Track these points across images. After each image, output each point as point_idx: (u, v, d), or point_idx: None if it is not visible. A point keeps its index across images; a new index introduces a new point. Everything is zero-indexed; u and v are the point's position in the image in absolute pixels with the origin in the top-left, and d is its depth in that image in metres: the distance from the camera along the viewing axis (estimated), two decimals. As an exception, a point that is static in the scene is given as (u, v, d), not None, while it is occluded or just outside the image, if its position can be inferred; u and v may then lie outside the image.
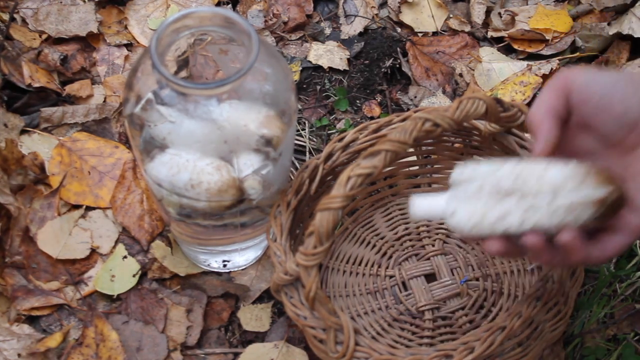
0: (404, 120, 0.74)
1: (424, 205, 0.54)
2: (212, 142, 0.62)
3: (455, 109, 0.57)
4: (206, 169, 0.63)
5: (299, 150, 0.95)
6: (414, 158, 0.83)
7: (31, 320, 0.79)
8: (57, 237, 0.83)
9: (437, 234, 0.84)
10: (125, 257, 0.83)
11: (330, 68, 1.04)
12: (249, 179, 0.65)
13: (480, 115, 0.58)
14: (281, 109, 0.65)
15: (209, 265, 0.82)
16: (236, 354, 0.78)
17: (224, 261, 0.82)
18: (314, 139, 0.97)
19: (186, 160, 0.62)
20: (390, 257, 0.83)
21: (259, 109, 0.63)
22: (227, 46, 0.68)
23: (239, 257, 0.82)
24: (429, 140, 0.82)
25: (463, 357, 0.57)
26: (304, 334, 0.73)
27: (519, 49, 1.06)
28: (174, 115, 0.61)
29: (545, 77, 0.99)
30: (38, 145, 0.91)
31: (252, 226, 0.75)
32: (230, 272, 0.83)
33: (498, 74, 1.02)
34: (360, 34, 1.09)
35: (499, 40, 1.08)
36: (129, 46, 1.04)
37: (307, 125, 0.98)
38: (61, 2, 1.05)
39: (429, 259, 0.82)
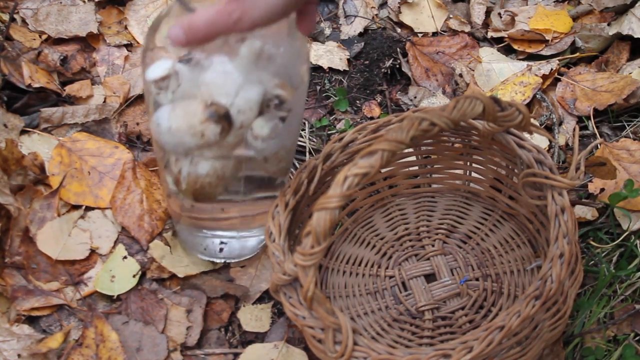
0: (402, 120, 0.74)
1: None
2: (222, 90, 0.63)
3: (452, 108, 0.57)
4: (212, 116, 0.63)
5: (299, 151, 0.95)
6: (413, 158, 0.83)
7: (31, 320, 0.79)
8: (56, 238, 0.83)
9: (437, 234, 0.84)
10: (125, 257, 0.83)
11: (330, 68, 1.04)
12: (258, 123, 0.65)
13: (477, 114, 0.58)
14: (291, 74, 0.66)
15: (205, 249, 0.81)
16: (236, 355, 0.78)
17: (221, 243, 0.81)
18: (314, 140, 0.97)
19: (193, 108, 0.63)
20: (390, 257, 0.83)
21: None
22: None
23: (236, 243, 0.81)
24: (428, 141, 0.82)
25: (461, 356, 0.56)
26: (303, 334, 0.73)
27: (519, 49, 1.06)
28: (188, 74, 0.63)
29: (545, 78, 0.99)
30: (38, 146, 0.91)
31: (253, 203, 0.75)
32: (229, 265, 0.82)
33: (498, 74, 1.01)
34: (360, 34, 1.09)
35: (498, 40, 1.08)
36: (128, 46, 1.04)
37: (307, 125, 0.98)
38: (61, 3, 1.05)
39: (428, 259, 0.82)
